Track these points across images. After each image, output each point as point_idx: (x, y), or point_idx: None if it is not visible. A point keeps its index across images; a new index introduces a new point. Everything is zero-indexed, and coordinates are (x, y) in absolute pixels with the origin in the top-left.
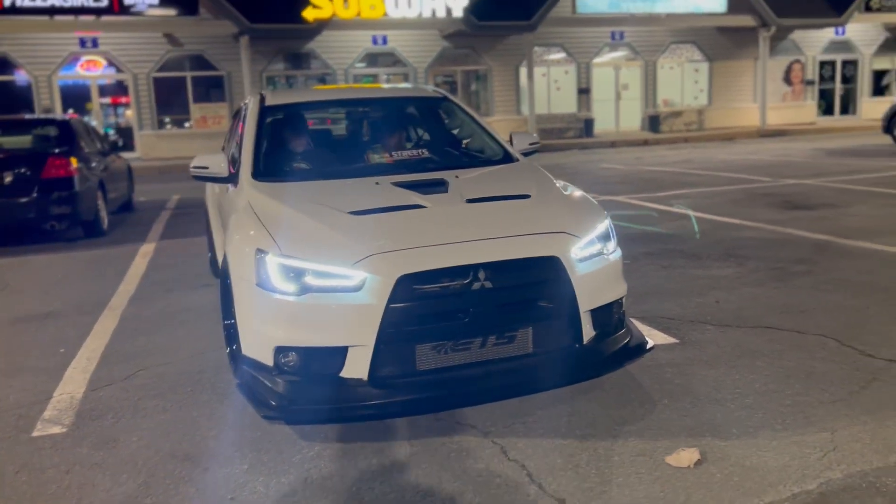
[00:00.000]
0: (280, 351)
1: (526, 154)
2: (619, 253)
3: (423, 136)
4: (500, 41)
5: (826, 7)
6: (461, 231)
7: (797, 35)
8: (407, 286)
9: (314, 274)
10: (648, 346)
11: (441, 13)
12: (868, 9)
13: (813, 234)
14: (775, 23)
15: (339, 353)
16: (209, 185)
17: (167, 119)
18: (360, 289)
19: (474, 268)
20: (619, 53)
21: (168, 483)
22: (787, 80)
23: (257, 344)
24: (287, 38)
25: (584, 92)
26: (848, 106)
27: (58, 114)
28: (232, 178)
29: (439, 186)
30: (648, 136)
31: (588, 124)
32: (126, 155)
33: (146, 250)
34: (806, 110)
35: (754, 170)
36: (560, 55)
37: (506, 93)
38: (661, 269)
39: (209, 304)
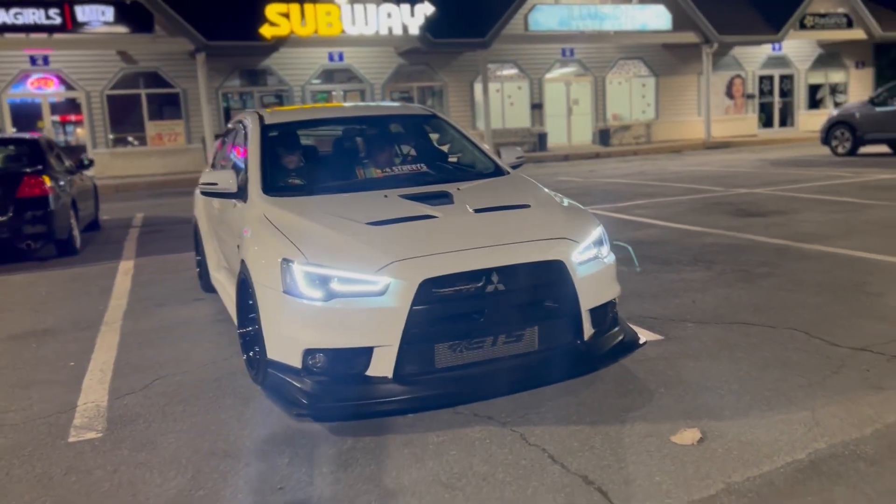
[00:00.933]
0: (309, 353)
1: (514, 167)
2: (612, 257)
3: (417, 152)
4: (454, 58)
5: (764, 24)
6: (474, 238)
7: (737, 51)
8: (428, 290)
9: (340, 280)
10: (641, 342)
11: (398, 31)
12: (803, 26)
13: (770, 238)
14: (717, 39)
15: (366, 353)
16: (202, 203)
17: (122, 137)
18: (385, 293)
19: (488, 272)
20: (570, 69)
21: (216, 477)
22: (729, 94)
23: (285, 347)
24: (243, 54)
25: (536, 107)
26: (786, 118)
27: (21, 133)
28: (240, 194)
29: (444, 198)
30: (600, 150)
31: (542, 138)
32: None
33: (125, 268)
34: (747, 123)
35: (705, 180)
36: (513, 71)
37: (461, 108)
38: (637, 274)
39: (204, 317)
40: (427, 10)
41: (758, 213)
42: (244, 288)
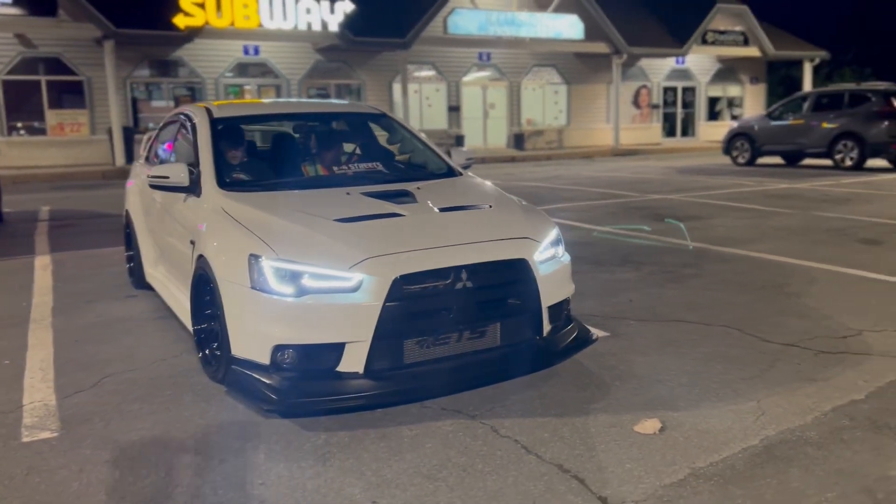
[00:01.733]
0: (278, 349)
1: (464, 167)
2: (567, 257)
3: (369, 151)
4: (373, 57)
5: (670, 39)
6: (442, 237)
7: (644, 63)
8: (400, 286)
9: (311, 276)
10: (594, 338)
11: (317, 27)
12: (704, 42)
13: (689, 242)
14: (626, 51)
15: (337, 349)
16: (136, 196)
17: (19, 125)
18: (358, 289)
19: (458, 269)
20: (486, 74)
21: (191, 474)
22: (636, 103)
23: (252, 343)
24: (154, 44)
25: (454, 109)
26: (688, 128)
27: None
28: (192, 188)
29: (407, 197)
30: (515, 154)
31: (458, 140)
32: None
33: (42, 263)
34: (652, 131)
35: (620, 185)
36: (431, 73)
37: (380, 107)
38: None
39: (142, 314)
40: (347, 7)
41: (676, 218)
42: (202, 284)
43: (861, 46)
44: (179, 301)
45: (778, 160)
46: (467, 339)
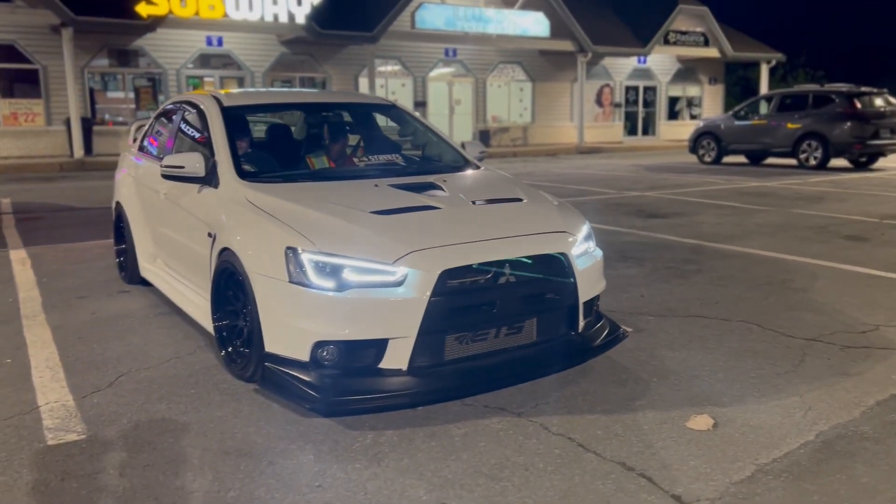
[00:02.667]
0: (319, 345)
1: (478, 160)
2: (600, 252)
3: (380, 141)
4: (338, 50)
5: (633, 38)
6: (484, 230)
7: (607, 61)
8: (444, 281)
9: (354, 270)
10: (626, 333)
11: (283, 18)
12: (667, 42)
13: (681, 238)
14: (591, 49)
15: (381, 346)
16: (131, 188)
17: None
18: (402, 283)
19: (501, 263)
20: (452, 70)
21: (241, 477)
22: (599, 102)
23: (290, 340)
24: (115, 33)
25: (420, 105)
26: (648, 127)
27: None
28: (208, 179)
29: (436, 189)
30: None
31: None
32: None
33: (19, 257)
34: (614, 130)
35: (593, 182)
36: (397, 67)
37: None
38: None
39: (141, 310)
40: None
41: (658, 215)
42: (226, 278)
43: (814, 49)
44: (188, 297)
45: (742, 159)
46: (505, 334)
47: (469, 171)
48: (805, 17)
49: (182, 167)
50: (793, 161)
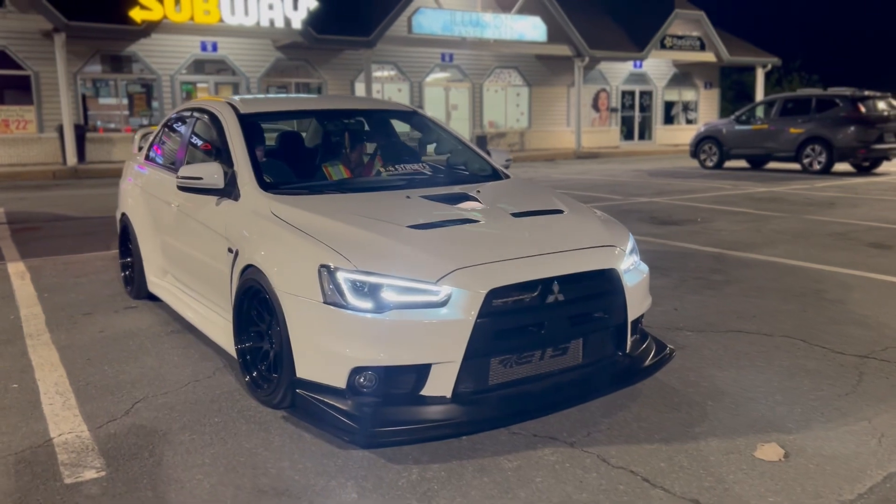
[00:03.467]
0: (357, 371)
1: (505, 169)
2: (645, 267)
3: (402, 150)
4: (334, 55)
5: (629, 43)
6: (529, 245)
7: (603, 66)
8: (490, 300)
9: (395, 290)
10: (673, 352)
11: (280, 23)
12: (663, 46)
13: (701, 246)
14: (588, 54)
15: (423, 371)
16: (139, 199)
17: None
18: (446, 304)
19: (550, 281)
20: (449, 75)
21: None
22: (595, 106)
23: (325, 365)
24: (107, 38)
25: None
26: (645, 132)
27: None
28: (227, 191)
29: (471, 201)
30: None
31: None
32: None
33: (17, 270)
34: (611, 135)
35: (598, 188)
36: (392, 72)
37: None
38: None
39: (150, 328)
40: (310, 4)
41: (671, 222)
42: (250, 297)
43: (808, 53)
44: (204, 315)
45: (743, 164)
46: (550, 357)
47: (501, 181)
48: (799, 22)
49: (199, 178)
50: (796, 165)
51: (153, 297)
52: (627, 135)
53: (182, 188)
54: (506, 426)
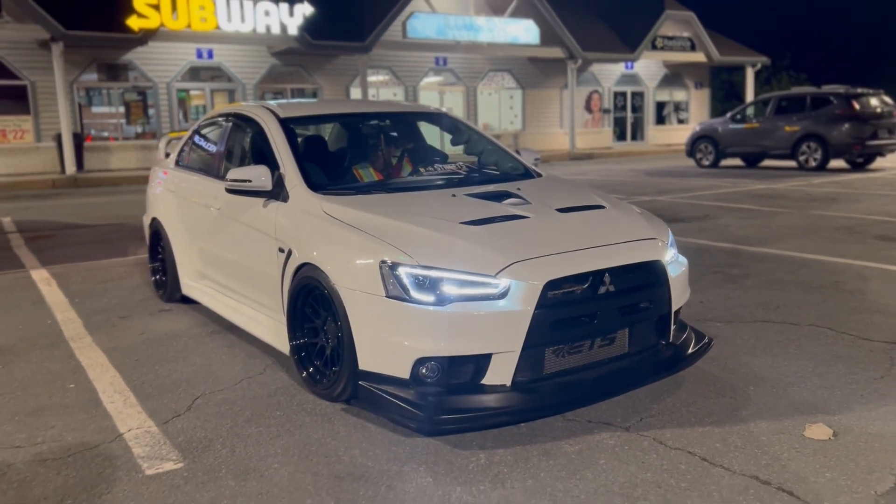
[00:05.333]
0: (421, 362)
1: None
2: (685, 259)
3: (436, 151)
4: (329, 61)
5: (621, 44)
6: (577, 239)
7: (595, 68)
8: (548, 292)
9: (455, 283)
10: (710, 341)
11: (276, 30)
12: (654, 47)
13: (713, 242)
14: (581, 56)
15: (484, 361)
16: (171, 202)
17: None
18: (505, 296)
19: (601, 272)
20: (443, 78)
21: (363, 503)
22: (588, 108)
23: (389, 357)
24: (104, 47)
25: None
26: (637, 132)
27: None
28: (275, 193)
29: (515, 198)
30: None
31: None
32: None
33: (41, 277)
34: (604, 136)
35: (598, 188)
36: (387, 77)
37: None
38: None
39: (190, 329)
40: (306, 10)
41: (679, 219)
42: (305, 295)
43: (796, 53)
44: (250, 315)
45: (738, 162)
46: (598, 346)
47: (536, 179)
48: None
49: (249, 181)
50: (791, 163)
51: (185, 300)
52: (620, 136)
53: (231, 191)
54: (562, 413)
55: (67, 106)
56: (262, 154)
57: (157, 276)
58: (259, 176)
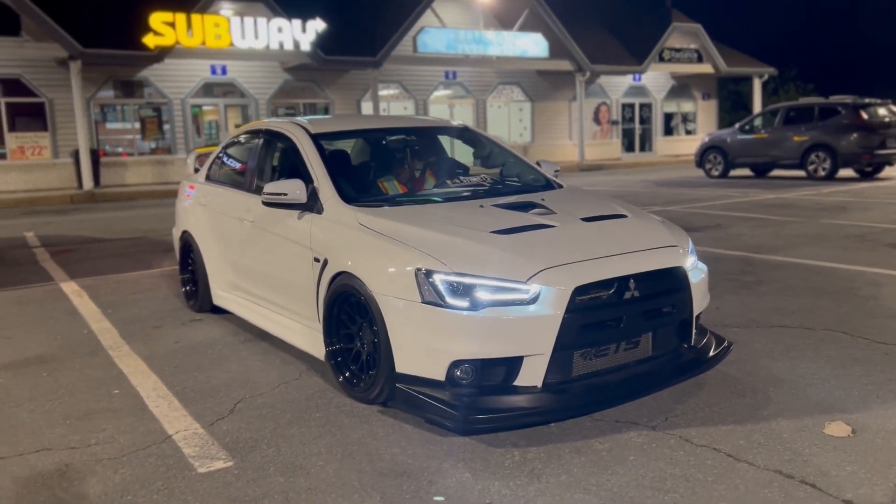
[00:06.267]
0: (456, 365)
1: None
2: (704, 266)
3: (459, 164)
4: (341, 75)
5: (629, 56)
6: (603, 246)
7: (603, 80)
8: (576, 297)
9: (488, 289)
10: (730, 344)
11: (289, 46)
12: (662, 59)
13: (726, 250)
14: (589, 68)
15: (516, 363)
16: (201, 214)
17: None
18: (536, 301)
19: (627, 278)
20: (452, 91)
21: (408, 497)
22: (596, 120)
23: (425, 360)
24: (120, 64)
25: None
26: (645, 144)
27: None
28: (309, 205)
29: (540, 208)
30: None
31: None
32: None
33: (72, 289)
34: (612, 147)
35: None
36: (397, 91)
37: None
38: None
39: (224, 337)
40: (318, 26)
41: (691, 229)
42: (341, 302)
43: (803, 63)
44: (284, 324)
45: (747, 172)
46: (623, 349)
47: (558, 190)
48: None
49: (284, 194)
50: (800, 172)
51: (216, 310)
52: (628, 147)
53: (267, 203)
54: (590, 413)
55: (85, 122)
56: (294, 168)
57: (188, 287)
58: (294, 189)
